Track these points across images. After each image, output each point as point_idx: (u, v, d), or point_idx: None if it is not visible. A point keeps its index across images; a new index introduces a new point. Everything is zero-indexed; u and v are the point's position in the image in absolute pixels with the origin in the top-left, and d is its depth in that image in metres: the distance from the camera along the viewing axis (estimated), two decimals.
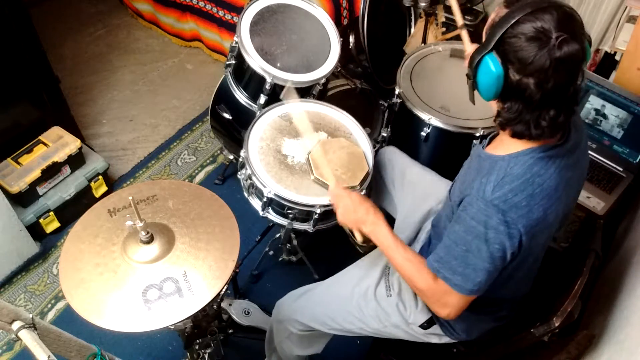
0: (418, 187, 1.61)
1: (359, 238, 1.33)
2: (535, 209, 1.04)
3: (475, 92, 1.09)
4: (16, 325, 1.02)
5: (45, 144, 2.21)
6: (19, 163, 2.14)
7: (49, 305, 2.09)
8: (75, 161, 2.25)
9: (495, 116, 1.08)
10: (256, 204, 1.64)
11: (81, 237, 1.25)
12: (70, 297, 1.14)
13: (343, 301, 1.46)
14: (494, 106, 1.10)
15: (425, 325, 1.36)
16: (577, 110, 1.12)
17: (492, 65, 0.99)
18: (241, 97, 1.94)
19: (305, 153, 1.62)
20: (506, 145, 1.09)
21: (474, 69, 1.04)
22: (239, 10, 2.57)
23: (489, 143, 1.19)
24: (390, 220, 1.71)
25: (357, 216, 1.29)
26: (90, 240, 1.24)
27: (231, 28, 2.75)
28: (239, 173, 1.68)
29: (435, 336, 1.41)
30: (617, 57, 2.17)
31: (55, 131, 2.26)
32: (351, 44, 2.54)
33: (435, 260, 1.14)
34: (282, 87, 1.81)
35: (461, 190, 1.13)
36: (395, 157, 1.73)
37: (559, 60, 0.93)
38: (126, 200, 1.32)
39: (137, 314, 1.13)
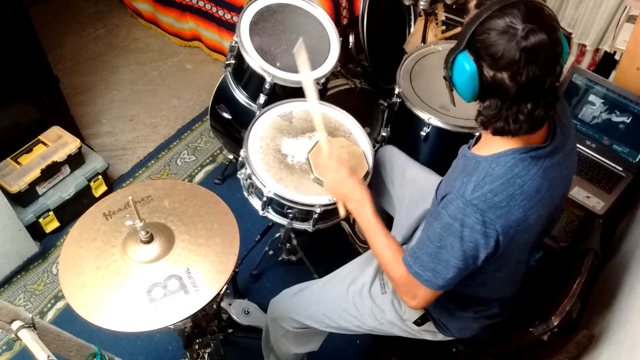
0: (417, 187, 1.61)
1: (341, 210, 1.36)
2: (515, 210, 1.05)
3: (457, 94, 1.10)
4: (16, 324, 1.02)
5: (44, 144, 2.20)
6: (18, 163, 2.14)
7: (49, 305, 2.09)
8: (75, 161, 2.25)
9: (476, 115, 1.08)
10: (256, 203, 1.64)
11: (79, 241, 1.25)
12: (73, 301, 1.14)
13: (338, 299, 1.47)
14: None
15: (419, 322, 1.37)
16: (559, 108, 1.13)
17: (465, 63, 1.00)
18: (241, 96, 1.94)
19: (305, 152, 1.62)
20: (490, 146, 1.10)
21: (449, 69, 1.05)
22: (238, 10, 2.57)
23: (475, 143, 1.19)
24: (389, 220, 1.72)
25: (343, 191, 1.32)
26: (89, 245, 1.24)
27: (231, 28, 2.75)
28: (238, 172, 1.68)
29: (429, 333, 1.42)
30: (616, 57, 2.18)
31: (55, 131, 2.26)
32: (351, 44, 2.54)
33: (409, 255, 1.16)
34: (282, 87, 1.81)
35: (445, 188, 1.14)
36: (395, 157, 1.73)
37: (527, 50, 0.93)
38: (121, 203, 1.32)
39: (143, 313, 1.14)
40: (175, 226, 1.28)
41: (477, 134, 1.71)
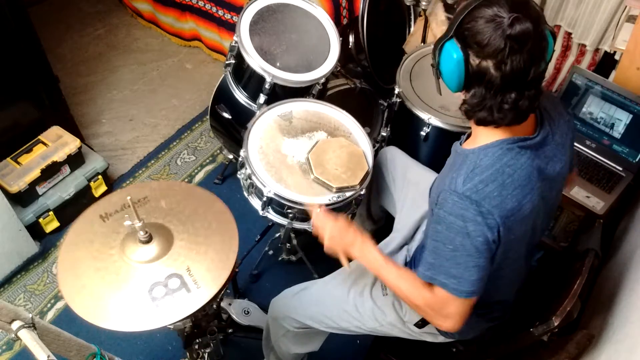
0: (419, 187, 1.61)
1: (345, 263, 1.32)
2: (509, 199, 1.05)
3: (445, 86, 1.11)
4: (16, 324, 1.02)
5: (44, 144, 2.20)
6: (18, 163, 2.14)
7: (49, 305, 2.09)
8: (75, 161, 2.25)
9: (460, 104, 1.09)
10: (256, 203, 1.64)
11: (77, 244, 1.24)
12: (74, 304, 1.14)
13: (339, 300, 1.47)
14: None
15: (420, 324, 1.36)
16: (548, 103, 1.14)
17: (452, 50, 1.02)
18: (241, 96, 1.94)
19: (305, 152, 1.62)
20: (477, 139, 1.11)
21: (437, 57, 1.07)
22: (238, 10, 2.57)
23: (466, 139, 1.19)
24: (390, 222, 1.72)
25: (344, 242, 1.29)
26: (87, 247, 1.24)
27: (231, 27, 2.75)
28: (238, 172, 1.68)
29: (430, 335, 1.42)
30: (616, 57, 2.17)
31: (55, 131, 2.26)
32: (351, 44, 2.54)
33: (426, 269, 1.13)
34: (282, 87, 1.81)
35: (438, 187, 1.14)
36: (397, 157, 1.74)
37: (512, 38, 0.95)
38: (117, 205, 1.32)
39: (145, 312, 1.14)
40: (174, 226, 1.28)
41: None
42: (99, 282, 1.18)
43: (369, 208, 1.90)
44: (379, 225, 1.97)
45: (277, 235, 2.14)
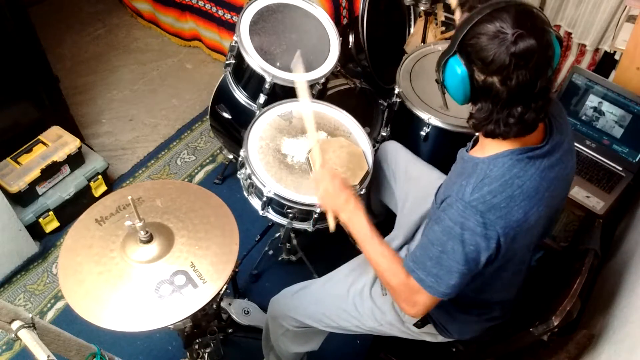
0: (420, 185, 1.61)
1: (331, 224, 1.33)
2: (515, 211, 1.05)
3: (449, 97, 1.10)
4: (16, 324, 1.02)
5: (44, 144, 2.20)
6: (18, 162, 2.14)
7: (49, 305, 2.09)
8: (75, 161, 2.25)
9: (468, 118, 1.09)
10: (256, 203, 1.64)
11: (75, 250, 1.24)
12: (80, 310, 1.14)
13: (338, 300, 1.47)
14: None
15: (420, 324, 1.37)
16: (555, 109, 1.13)
17: (456, 67, 1.01)
18: (241, 96, 1.94)
19: (305, 152, 1.62)
20: (486, 148, 1.10)
21: (441, 73, 1.06)
22: (238, 10, 2.57)
23: (473, 146, 1.19)
24: (390, 216, 1.72)
25: (336, 202, 1.29)
26: (86, 252, 1.24)
27: (231, 27, 2.75)
28: (238, 172, 1.68)
29: (429, 335, 1.42)
30: (616, 57, 2.18)
31: (55, 131, 2.26)
32: (351, 44, 2.54)
33: (411, 260, 1.15)
34: (282, 87, 1.81)
35: (444, 192, 1.14)
36: (398, 152, 1.73)
37: (516, 55, 0.94)
38: (112, 207, 1.32)
39: (153, 310, 1.14)
40: (172, 224, 1.29)
41: (476, 134, 1.72)
42: (104, 285, 1.18)
43: (369, 202, 1.90)
44: (379, 219, 1.97)
45: (277, 235, 2.14)
